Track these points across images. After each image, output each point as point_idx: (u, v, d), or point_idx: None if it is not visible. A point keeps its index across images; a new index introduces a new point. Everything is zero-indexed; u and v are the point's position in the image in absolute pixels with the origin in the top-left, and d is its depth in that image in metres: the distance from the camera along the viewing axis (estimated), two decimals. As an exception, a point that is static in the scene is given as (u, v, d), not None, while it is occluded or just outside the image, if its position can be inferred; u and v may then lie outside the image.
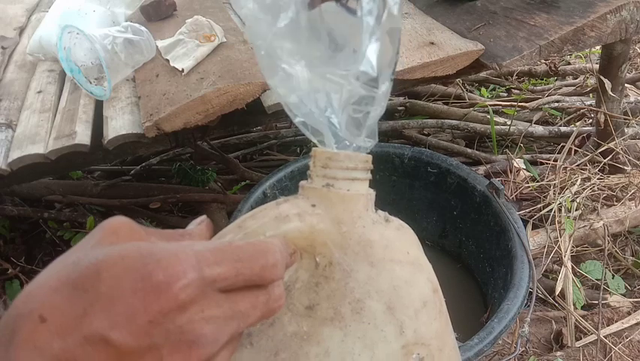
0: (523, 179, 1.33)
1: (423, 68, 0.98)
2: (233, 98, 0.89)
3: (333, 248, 0.36)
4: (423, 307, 0.37)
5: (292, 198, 0.38)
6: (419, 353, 0.36)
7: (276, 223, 0.35)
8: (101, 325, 0.24)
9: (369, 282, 0.35)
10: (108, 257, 0.25)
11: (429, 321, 0.37)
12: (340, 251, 0.36)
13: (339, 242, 0.36)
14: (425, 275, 0.39)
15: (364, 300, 0.35)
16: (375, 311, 0.35)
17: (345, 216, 0.37)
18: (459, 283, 1.04)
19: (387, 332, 0.35)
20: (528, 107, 1.77)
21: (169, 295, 0.25)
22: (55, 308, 0.25)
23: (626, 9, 1.04)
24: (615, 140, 1.33)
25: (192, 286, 0.25)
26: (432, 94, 1.89)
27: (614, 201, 1.27)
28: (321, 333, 0.35)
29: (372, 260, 0.36)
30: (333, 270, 0.36)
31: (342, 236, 0.36)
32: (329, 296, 0.35)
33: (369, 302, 0.35)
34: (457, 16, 1.16)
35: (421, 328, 0.36)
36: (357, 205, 0.38)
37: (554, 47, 1.02)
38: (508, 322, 0.74)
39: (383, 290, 0.35)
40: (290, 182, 1.02)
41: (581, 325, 1.07)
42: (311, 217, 0.36)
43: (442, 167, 1.01)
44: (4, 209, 1.43)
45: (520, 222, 0.89)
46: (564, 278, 1.10)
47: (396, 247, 0.38)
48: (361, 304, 0.35)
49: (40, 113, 0.99)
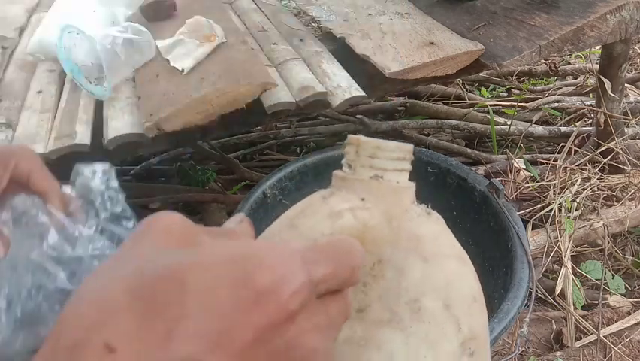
0: (523, 179, 1.33)
1: (423, 68, 0.98)
2: (234, 98, 0.89)
3: (384, 245, 0.34)
4: (474, 301, 0.35)
5: (335, 190, 0.35)
6: (471, 347, 0.35)
7: (330, 221, 0.33)
8: (194, 349, 0.19)
9: (423, 279, 0.33)
10: (191, 263, 0.20)
11: (479, 315, 0.36)
12: (391, 248, 0.34)
13: (389, 238, 0.34)
14: (470, 268, 0.37)
15: (421, 299, 0.33)
16: (433, 310, 0.33)
17: (395, 210, 0.35)
18: (459, 283, 1.04)
19: (447, 330, 0.33)
20: (528, 107, 1.77)
21: (279, 303, 0.20)
22: (126, 333, 0.19)
23: (626, 9, 1.04)
24: (615, 140, 1.33)
25: (303, 291, 0.21)
26: (432, 94, 1.89)
27: (614, 201, 1.27)
28: (381, 337, 0.32)
29: (425, 256, 0.34)
30: (383, 268, 0.33)
31: (393, 231, 0.34)
32: (381, 297, 0.33)
33: (425, 301, 0.33)
34: (457, 16, 1.16)
35: (473, 323, 0.35)
36: (406, 198, 0.36)
37: (554, 47, 1.02)
38: (508, 322, 0.74)
39: (439, 287, 0.34)
40: (290, 182, 1.02)
41: (581, 325, 1.07)
42: (362, 213, 0.34)
43: (442, 167, 1.01)
44: (4, 209, 1.43)
45: (520, 222, 0.89)
46: (564, 278, 1.10)
47: (443, 241, 0.36)
48: (419, 304, 0.33)
49: (40, 113, 0.99)
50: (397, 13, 1.19)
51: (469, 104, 1.84)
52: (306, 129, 1.76)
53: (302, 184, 1.04)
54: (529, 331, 1.08)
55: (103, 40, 0.96)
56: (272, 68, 1.00)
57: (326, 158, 1.04)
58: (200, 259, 0.20)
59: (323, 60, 1.01)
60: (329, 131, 1.75)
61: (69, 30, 0.95)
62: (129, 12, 1.22)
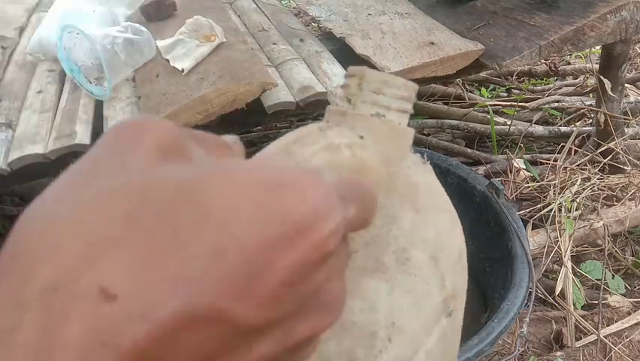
0: (523, 179, 1.33)
1: (423, 68, 0.98)
2: (233, 98, 0.89)
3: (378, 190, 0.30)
4: (459, 258, 0.34)
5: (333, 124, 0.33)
6: (450, 306, 0.33)
7: (328, 154, 0.30)
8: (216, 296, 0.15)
9: (414, 230, 0.32)
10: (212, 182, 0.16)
11: (461, 274, 0.34)
12: (385, 194, 0.31)
13: (384, 183, 0.32)
14: (457, 224, 0.35)
15: (409, 250, 0.31)
16: (421, 262, 0.31)
17: (394, 154, 0.32)
18: (459, 283, 1.04)
19: (432, 285, 0.32)
20: (528, 107, 1.77)
21: (318, 242, 0.16)
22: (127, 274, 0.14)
23: (626, 9, 1.04)
24: (615, 140, 1.33)
25: (340, 231, 0.17)
26: (432, 94, 1.89)
27: (614, 201, 1.27)
28: (365, 286, 0.31)
29: (418, 206, 0.32)
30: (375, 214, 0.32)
31: (390, 176, 0.32)
32: (368, 244, 0.31)
33: (414, 252, 0.31)
34: (457, 16, 1.16)
35: (456, 281, 0.34)
36: (406, 143, 0.33)
37: (554, 47, 1.02)
38: (508, 322, 0.74)
39: (428, 240, 0.32)
40: (290, 182, 1.02)
41: (581, 325, 1.07)
42: (361, 151, 0.31)
43: (442, 167, 1.01)
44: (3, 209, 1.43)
45: (520, 223, 0.89)
46: (564, 278, 1.10)
47: (437, 193, 0.34)
48: (407, 254, 0.31)
49: (40, 113, 0.99)
50: (397, 13, 1.19)
51: (469, 104, 1.84)
52: (306, 129, 1.76)
53: (302, 184, 1.04)
54: (529, 331, 1.08)
55: (103, 40, 0.96)
56: (272, 68, 1.00)
57: (326, 158, 1.04)
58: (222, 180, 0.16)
59: (323, 60, 1.01)
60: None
61: (69, 30, 0.95)
62: (129, 12, 1.22)
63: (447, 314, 0.33)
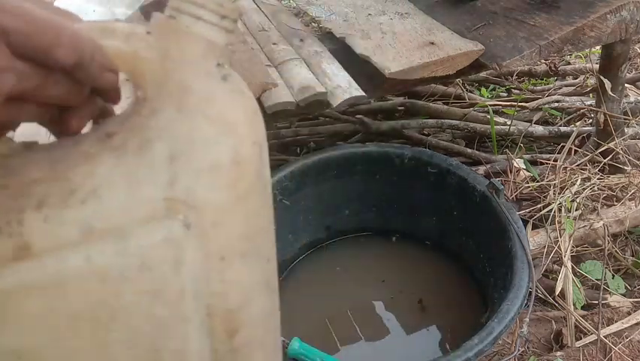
0: (523, 179, 1.33)
1: (423, 68, 0.98)
2: (233, 98, 0.89)
3: (149, 82, 0.34)
4: (209, 170, 0.33)
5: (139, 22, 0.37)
6: (187, 216, 0.33)
7: (99, 34, 0.34)
8: None
9: (167, 125, 0.33)
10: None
11: (211, 188, 0.33)
12: (155, 87, 0.33)
13: (158, 78, 0.34)
14: (233, 142, 0.34)
15: (153, 141, 0.33)
16: (156, 154, 0.32)
17: (176, 54, 0.34)
18: (459, 283, 1.04)
19: (156, 178, 0.32)
20: (528, 107, 1.77)
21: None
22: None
23: (626, 9, 1.04)
24: (615, 140, 1.33)
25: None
26: (432, 94, 1.89)
27: (614, 201, 1.27)
28: (99, 157, 0.33)
29: (182, 107, 0.33)
30: (143, 105, 0.33)
31: (164, 72, 0.33)
32: (129, 130, 0.33)
33: (157, 144, 0.32)
34: (457, 16, 1.16)
35: (198, 190, 0.33)
36: (193, 47, 0.34)
37: (554, 47, 1.02)
38: (508, 322, 0.74)
39: (175, 137, 0.33)
40: (290, 182, 1.03)
41: (581, 325, 1.07)
42: (139, 42, 0.34)
43: (442, 167, 1.01)
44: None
45: (520, 223, 0.89)
46: (564, 278, 1.10)
47: (215, 105, 0.34)
48: (149, 144, 0.32)
49: (40, 113, 0.99)
50: (397, 13, 1.19)
51: (469, 104, 1.83)
52: (306, 129, 1.76)
53: (302, 184, 1.04)
54: (529, 331, 1.08)
55: (103, 40, 0.96)
56: (272, 68, 1.00)
57: (326, 158, 1.04)
58: None
59: (323, 60, 1.01)
60: (329, 132, 1.75)
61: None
62: (129, 12, 1.22)
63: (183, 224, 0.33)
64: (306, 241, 1.11)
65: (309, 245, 1.11)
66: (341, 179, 1.07)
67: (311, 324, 0.99)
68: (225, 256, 0.34)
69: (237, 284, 0.35)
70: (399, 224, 1.12)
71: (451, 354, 0.70)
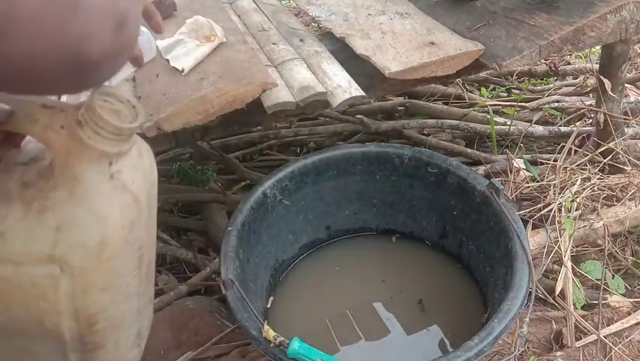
0: (523, 179, 1.33)
1: (423, 68, 0.98)
2: (233, 98, 0.89)
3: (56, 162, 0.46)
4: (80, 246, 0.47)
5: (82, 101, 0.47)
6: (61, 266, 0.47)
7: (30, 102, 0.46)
8: None
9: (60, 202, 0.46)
10: None
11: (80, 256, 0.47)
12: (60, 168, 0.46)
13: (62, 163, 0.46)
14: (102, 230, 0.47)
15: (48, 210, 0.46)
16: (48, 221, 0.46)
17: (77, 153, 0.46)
18: (459, 283, 1.04)
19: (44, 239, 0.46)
20: (528, 107, 1.77)
21: None
22: None
23: (626, 9, 1.04)
24: (615, 140, 1.33)
25: None
26: (432, 94, 1.89)
27: (614, 201, 1.27)
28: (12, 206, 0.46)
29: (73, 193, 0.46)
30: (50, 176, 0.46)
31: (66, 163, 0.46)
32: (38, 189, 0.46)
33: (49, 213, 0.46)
34: (457, 16, 1.16)
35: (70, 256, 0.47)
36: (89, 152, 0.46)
37: (554, 47, 1.02)
38: (508, 322, 0.74)
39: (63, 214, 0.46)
40: (290, 182, 1.03)
41: (581, 325, 1.07)
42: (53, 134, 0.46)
43: (442, 167, 1.01)
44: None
45: (520, 223, 0.89)
46: (564, 278, 1.10)
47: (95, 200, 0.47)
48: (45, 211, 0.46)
49: (40, 113, 0.99)
50: (397, 13, 1.19)
51: (469, 104, 1.84)
52: (306, 129, 1.76)
53: (302, 184, 1.04)
54: (529, 331, 1.08)
55: (103, 40, 0.96)
56: (272, 68, 1.00)
57: (326, 158, 1.04)
58: None
59: (323, 60, 1.01)
60: (329, 132, 1.75)
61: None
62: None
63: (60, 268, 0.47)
64: (306, 241, 1.11)
65: (309, 245, 1.11)
66: (341, 179, 1.07)
67: (311, 324, 0.99)
68: (87, 291, 0.50)
69: (95, 303, 0.51)
70: (399, 224, 1.12)
71: (451, 354, 0.70)
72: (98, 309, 0.52)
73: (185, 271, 1.31)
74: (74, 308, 0.50)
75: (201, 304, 1.09)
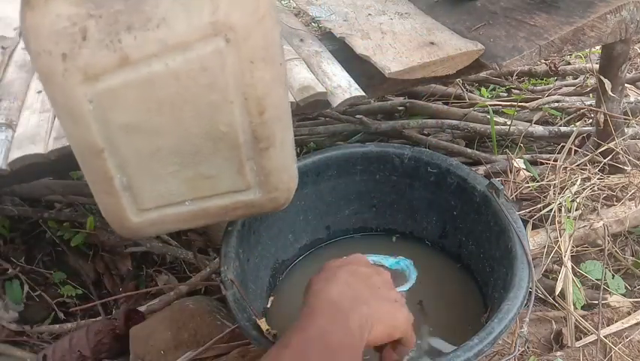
0: (523, 179, 1.33)
1: (423, 68, 0.98)
2: (234, 98, 0.89)
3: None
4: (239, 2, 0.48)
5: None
6: (226, 34, 0.48)
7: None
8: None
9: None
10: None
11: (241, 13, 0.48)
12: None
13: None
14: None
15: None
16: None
17: None
18: (459, 283, 1.04)
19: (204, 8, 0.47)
20: (528, 107, 1.77)
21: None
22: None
23: (626, 9, 1.04)
24: (615, 140, 1.33)
25: None
26: (432, 94, 1.89)
27: (614, 201, 1.27)
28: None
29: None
30: None
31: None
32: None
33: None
34: (457, 16, 1.16)
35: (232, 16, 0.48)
36: None
37: (554, 47, 1.02)
38: (508, 322, 0.74)
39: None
40: (290, 182, 1.02)
41: (581, 325, 1.07)
42: None
43: (442, 167, 1.01)
44: (4, 209, 1.43)
45: (520, 223, 0.89)
46: (564, 278, 1.10)
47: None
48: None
49: (40, 113, 0.99)
50: (397, 13, 1.19)
51: (469, 104, 1.84)
52: (306, 129, 1.76)
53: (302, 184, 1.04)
54: (529, 331, 1.08)
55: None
56: (272, 68, 1.00)
57: (326, 158, 1.04)
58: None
59: (323, 60, 1.01)
60: (329, 132, 1.75)
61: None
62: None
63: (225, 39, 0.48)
64: (306, 241, 1.11)
65: (309, 245, 1.11)
66: (341, 179, 1.07)
67: (311, 324, 0.99)
68: (253, 60, 0.50)
69: (262, 79, 0.52)
70: (399, 224, 1.12)
71: (451, 354, 0.70)
72: (264, 90, 0.52)
73: (185, 271, 1.31)
74: (244, 93, 0.51)
75: (201, 304, 1.09)
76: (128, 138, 0.53)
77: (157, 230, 0.64)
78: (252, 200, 0.61)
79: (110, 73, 0.49)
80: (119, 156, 0.55)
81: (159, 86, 0.50)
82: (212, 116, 0.52)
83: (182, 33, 0.48)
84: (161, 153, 0.54)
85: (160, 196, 0.58)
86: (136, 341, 1.02)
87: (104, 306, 1.27)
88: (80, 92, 0.50)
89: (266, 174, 0.59)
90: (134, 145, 0.54)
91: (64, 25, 0.48)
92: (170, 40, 0.48)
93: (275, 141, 0.57)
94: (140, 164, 0.55)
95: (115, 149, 0.54)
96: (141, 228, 0.62)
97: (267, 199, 0.62)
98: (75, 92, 0.50)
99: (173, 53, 0.49)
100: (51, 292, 1.33)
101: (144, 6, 0.47)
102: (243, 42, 0.49)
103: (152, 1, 0.48)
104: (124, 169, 0.56)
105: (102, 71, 0.49)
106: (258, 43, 0.50)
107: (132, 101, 0.51)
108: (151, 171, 0.56)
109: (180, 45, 0.48)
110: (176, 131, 0.53)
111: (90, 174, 0.58)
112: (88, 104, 0.51)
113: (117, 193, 0.57)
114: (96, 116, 0.51)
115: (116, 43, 0.48)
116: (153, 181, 0.57)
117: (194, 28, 0.48)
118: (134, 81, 0.50)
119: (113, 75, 0.49)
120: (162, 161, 0.55)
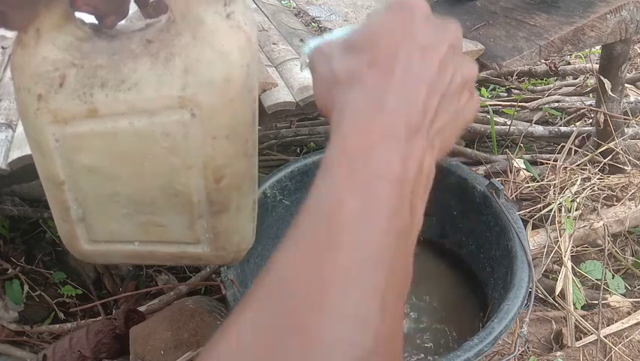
0: (523, 179, 1.33)
1: (423, 68, 0.98)
2: (234, 98, 0.89)
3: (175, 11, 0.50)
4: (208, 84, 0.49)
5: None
6: (192, 109, 0.50)
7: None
8: None
9: (185, 46, 0.49)
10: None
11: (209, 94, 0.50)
12: (180, 16, 0.49)
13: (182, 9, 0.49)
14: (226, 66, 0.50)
15: (175, 56, 0.49)
16: (176, 66, 0.49)
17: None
18: (459, 283, 1.04)
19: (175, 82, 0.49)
20: (528, 107, 1.77)
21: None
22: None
23: (626, 9, 1.04)
24: (615, 140, 1.33)
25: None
26: (432, 94, 1.88)
27: (614, 201, 1.27)
28: (141, 58, 0.50)
29: (196, 35, 0.49)
30: (171, 27, 0.50)
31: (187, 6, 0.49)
32: (161, 41, 0.50)
33: (177, 58, 0.49)
34: (457, 16, 1.16)
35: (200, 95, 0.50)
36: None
37: (554, 47, 1.02)
38: (508, 322, 0.74)
39: (189, 57, 0.49)
40: (290, 182, 1.02)
41: (581, 325, 1.07)
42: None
43: (442, 167, 1.01)
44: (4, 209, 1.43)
45: (520, 223, 0.89)
46: (564, 278, 1.10)
47: (217, 37, 0.49)
48: (172, 57, 0.49)
49: (40, 113, 0.98)
50: (397, 13, 1.19)
51: (469, 104, 1.83)
52: (306, 129, 1.76)
53: (302, 184, 1.04)
54: (529, 331, 1.08)
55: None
56: (272, 68, 1.00)
57: (326, 158, 1.04)
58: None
59: (323, 60, 1.01)
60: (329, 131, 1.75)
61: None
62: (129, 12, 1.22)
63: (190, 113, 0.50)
64: (306, 241, 1.11)
65: (309, 245, 1.11)
66: (341, 179, 1.07)
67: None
68: (216, 137, 0.52)
69: (223, 153, 0.53)
70: (399, 224, 1.12)
71: (451, 354, 0.70)
72: (224, 161, 0.54)
73: (185, 271, 1.31)
74: (203, 161, 0.53)
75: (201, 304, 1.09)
76: (88, 178, 0.55)
77: (106, 260, 0.66)
78: (199, 254, 0.62)
79: (78, 120, 0.52)
80: (78, 192, 0.57)
81: (122, 141, 0.52)
82: (169, 176, 0.54)
83: (151, 99, 0.50)
84: (117, 197, 0.56)
85: (111, 233, 0.60)
86: (136, 341, 1.01)
87: (104, 306, 1.27)
88: (48, 131, 0.53)
89: (216, 234, 0.59)
90: (93, 185, 0.56)
91: (47, 68, 0.51)
92: (138, 104, 0.50)
93: (229, 206, 0.58)
94: (96, 202, 0.57)
95: (75, 184, 0.56)
96: (91, 255, 0.64)
97: (214, 256, 0.62)
98: (44, 130, 0.53)
99: (140, 115, 0.51)
100: (51, 292, 1.33)
101: (123, 67, 0.50)
102: (207, 119, 0.50)
103: (132, 64, 0.50)
104: (80, 203, 0.58)
105: (71, 118, 0.52)
106: (223, 122, 0.52)
107: (96, 148, 0.53)
108: (106, 210, 0.57)
109: (147, 110, 0.50)
110: (135, 182, 0.54)
111: (51, 201, 0.60)
112: (54, 142, 0.53)
113: (72, 222, 0.60)
114: (61, 153, 0.54)
115: (88, 97, 0.51)
116: (107, 219, 0.58)
117: (162, 98, 0.50)
118: (100, 132, 0.52)
119: (81, 123, 0.52)
120: (118, 203, 0.56)
